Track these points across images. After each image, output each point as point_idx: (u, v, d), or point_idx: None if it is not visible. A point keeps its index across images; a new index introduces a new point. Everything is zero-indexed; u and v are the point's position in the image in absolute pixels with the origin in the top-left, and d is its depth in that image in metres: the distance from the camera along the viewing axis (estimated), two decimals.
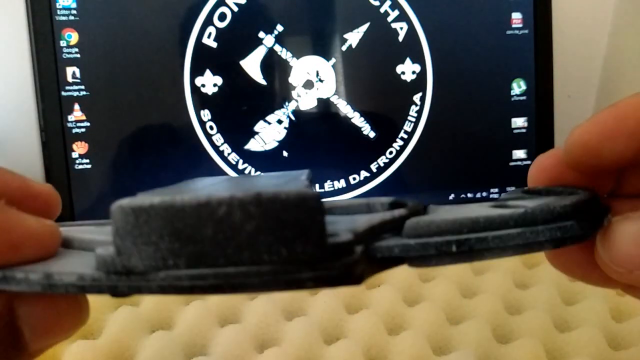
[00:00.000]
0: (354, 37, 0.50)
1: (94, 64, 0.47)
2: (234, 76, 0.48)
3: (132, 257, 0.14)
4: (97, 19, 0.46)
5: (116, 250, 0.15)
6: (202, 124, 0.48)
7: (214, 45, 0.48)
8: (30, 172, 0.49)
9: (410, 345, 0.35)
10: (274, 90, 0.49)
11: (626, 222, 0.15)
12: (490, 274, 0.43)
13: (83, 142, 0.47)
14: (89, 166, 0.47)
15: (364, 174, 0.51)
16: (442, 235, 0.16)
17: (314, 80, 0.50)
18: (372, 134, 0.51)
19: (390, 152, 0.51)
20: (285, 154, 0.50)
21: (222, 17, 0.48)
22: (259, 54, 0.49)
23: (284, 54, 0.49)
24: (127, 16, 0.47)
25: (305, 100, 0.50)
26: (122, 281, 0.15)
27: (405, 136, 0.51)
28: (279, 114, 0.49)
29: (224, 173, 0.49)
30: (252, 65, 0.49)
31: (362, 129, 0.50)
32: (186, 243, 0.14)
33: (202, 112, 0.48)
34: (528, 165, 0.54)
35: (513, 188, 0.17)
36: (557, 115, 0.55)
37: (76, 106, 0.46)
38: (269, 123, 0.49)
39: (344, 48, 0.50)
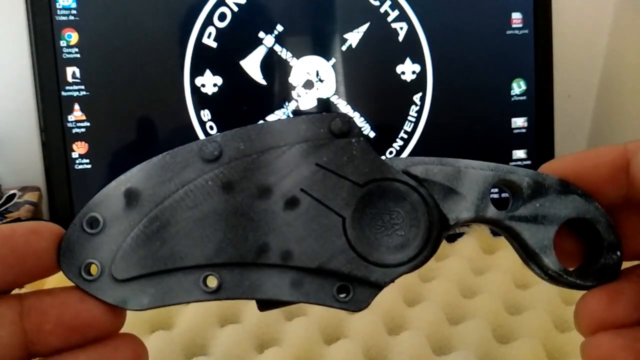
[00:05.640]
0: (354, 37, 0.50)
1: (94, 64, 0.47)
2: (234, 76, 0.48)
3: None
4: (97, 19, 0.46)
5: None
6: (202, 124, 0.48)
7: (214, 45, 0.48)
8: (30, 172, 0.49)
9: (410, 345, 0.35)
10: (274, 90, 0.49)
11: None
12: (490, 274, 0.43)
13: (83, 142, 0.47)
14: (89, 166, 0.47)
15: None
16: None
17: (314, 80, 0.50)
18: (372, 134, 0.51)
19: (391, 152, 0.51)
20: None
21: (222, 17, 0.48)
22: (259, 54, 0.49)
23: (284, 54, 0.49)
24: (127, 16, 0.47)
25: (305, 100, 0.50)
26: None
27: (406, 136, 0.51)
28: (279, 114, 0.49)
29: None
30: (252, 65, 0.49)
31: (362, 129, 0.50)
32: None
33: (202, 112, 0.48)
34: (528, 166, 0.54)
35: (479, 161, 0.17)
36: (557, 115, 0.55)
37: (76, 106, 0.46)
38: None
39: (344, 48, 0.50)
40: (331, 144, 0.19)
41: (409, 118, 0.51)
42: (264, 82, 0.49)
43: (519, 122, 0.53)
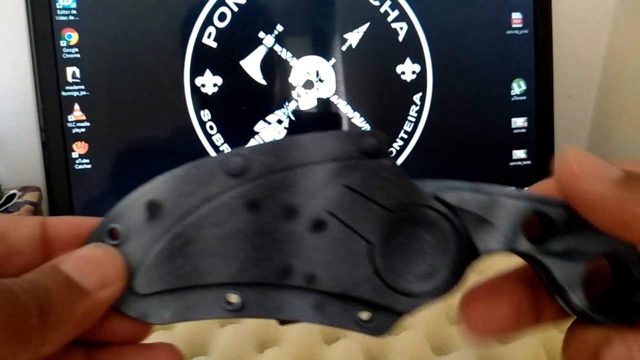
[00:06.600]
0: (354, 37, 0.50)
1: (94, 64, 0.47)
2: (234, 76, 0.48)
3: None
4: (97, 19, 0.46)
5: None
6: (202, 124, 0.48)
7: (214, 45, 0.48)
8: (30, 172, 0.49)
9: (410, 345, 0.35)
10: (274, 90, 0.49)
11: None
12: (491, 273, 0.43)
13: (83, 142, 0.47)
14: (89, 166, 0.47)
15: None
16: None
17: (314, 80, 0.50)
18: None
19: (391, 152, 0.51)
20: None
21: (222, 17, 0.48)
22: (259, 54, 0.49)
23: (284, 54, 0.49)
24: (127, 16, 0.47)
25: (305, 100, 0.50)
26: None
27: (406, 136, 0.51)
28: (279, 114, 0.49)
29: None
30: (252, 65, 0.49)
31: (362, 129, 0.50)
32: None
33: (202, 112, 0.48)
34: (528, 165, 0.54)
35: (513, 188, 0.17)
36: (557, 115, 0.55)
37: (76, 106, 0.46)
38: (269, 123, 0.49)
39: (344, 48, 0.50)
40: (361, 166, 0.19)
41: (409, 118, 0.51)
42: (264, 82, 0.49)
43: (519, 122, 0.53)
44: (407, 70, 0.51)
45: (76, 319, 0.16)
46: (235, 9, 0.48)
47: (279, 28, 0.48)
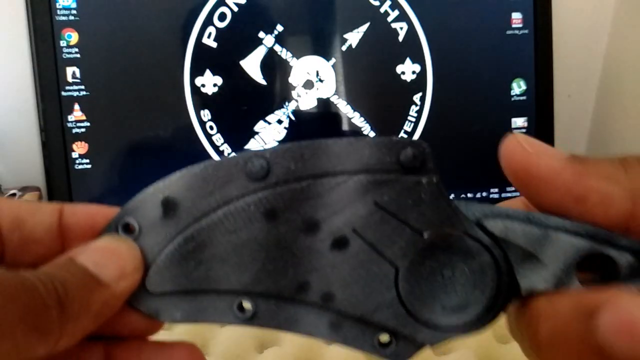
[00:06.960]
0: (354, 37, 0.50)
1: (94, 64, 0.47)
2: (234, 76, 0.48)
3: None
4: (97, 19, 0.46)
5: None
6: (202, 124, 0.48)
7: (214, 45, 0.48)
8: (30, 172, 0.49)
9: None
10: (274, 90, 0.49)
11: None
12: None
13: (83, 142, 0.47)
14: (89, 166, 0.47)
15: None
16: None
17: (314, 80, 0.50)
18: (372, 134, 0.51)
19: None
20: None
21: (222, 17, 0.48)
22: (259, 54, 0.49)
23: (284, 54, 0.49)
24: (127, 16, 0.47)
25: (305, 100, 0.50)
26: None
27: (405, 136, 0.51)
28: (279, 114, 0.49)
29: None
30: (252, 65, 0.49)
31: (362, 129, 0.50)
32: None
33: (202, 112, 0.48)
34: None
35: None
36: (557, 115, 0.55)
37: (76, 106, 0.46)
38: (269, 123, 0.49)
39: (344, 48, 0.50)
40: (396, 181, 0.17)
41: (409, 118, 0.51)
42: (264, 82, 0.49)
43: (519, 122, 0.53)
44: (407, 70, 0.51)
45: (94, 311, 0.16)
46: (235, 9, 0.48)
47: (279, 28, 0.48)
